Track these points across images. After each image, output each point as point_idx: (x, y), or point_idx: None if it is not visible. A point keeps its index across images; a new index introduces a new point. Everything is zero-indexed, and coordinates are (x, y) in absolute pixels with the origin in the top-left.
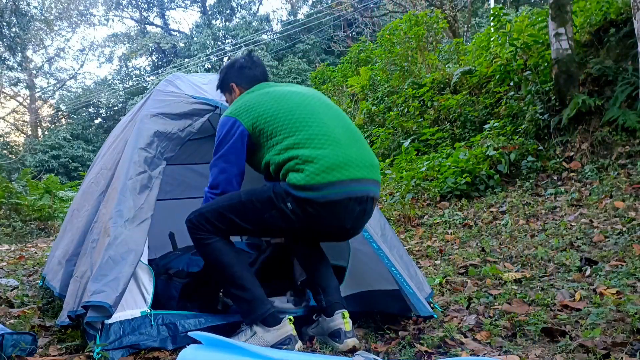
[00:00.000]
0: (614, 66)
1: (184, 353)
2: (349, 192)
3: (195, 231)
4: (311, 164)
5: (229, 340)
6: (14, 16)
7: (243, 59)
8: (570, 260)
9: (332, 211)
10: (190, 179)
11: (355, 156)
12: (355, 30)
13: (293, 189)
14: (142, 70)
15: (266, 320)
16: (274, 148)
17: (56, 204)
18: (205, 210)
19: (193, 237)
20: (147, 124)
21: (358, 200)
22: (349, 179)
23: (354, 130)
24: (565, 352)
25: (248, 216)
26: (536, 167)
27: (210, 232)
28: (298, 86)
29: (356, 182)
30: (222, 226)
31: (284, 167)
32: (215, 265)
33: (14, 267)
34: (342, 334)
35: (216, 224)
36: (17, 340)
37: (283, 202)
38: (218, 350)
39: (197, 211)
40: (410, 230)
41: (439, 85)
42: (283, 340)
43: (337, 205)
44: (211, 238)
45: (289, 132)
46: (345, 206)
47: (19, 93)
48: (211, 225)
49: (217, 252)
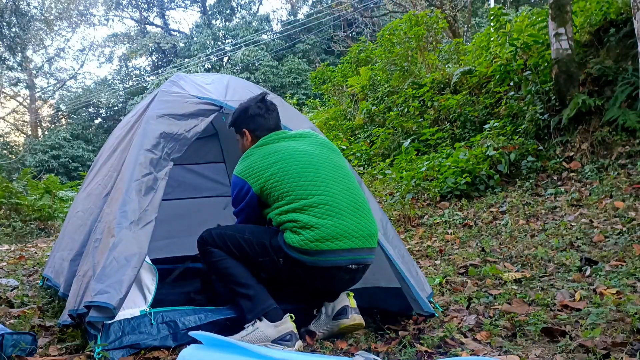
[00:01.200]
0: (614, 66)
1: (184, 353)
2: (339, 262)
3: (204, 245)
4: (308, 230)
5: (229, 339)
6: (14, 16)
7: (257, 106)
8: (570, 260)
9: (320, 275)
10: (190, 179)
11: (353, 227)
12: (355, 30)
13: (286, 247)
14: (142, 70)
15: (269, 315)
16: (278, 209)
17: (56, 204)
18: (215, 234)
19: (201, 250)
20: (153, 125)
21: (347, 270)
22: (342, 249)
23: (357, 196)
24: (565, 352)
25: (247, 254)
26: (536, 167)
27: (216, 245)
28: (307, 140)
29: (348, 252)
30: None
31: (283, 225)
32: (219, 271)
33: (14, 267)
34: (349, 310)
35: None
36: (17, 340)
37: (276, 255)
38: (218, 350)
39: (211, 230)
40: (410, 230)
41: (439, 85)
42: (284, 335)
43: (325, 271)
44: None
45: (293, 198)
46: (334, 274)
47: (19, 93)
48: (220, 241)
49: (220, 257)
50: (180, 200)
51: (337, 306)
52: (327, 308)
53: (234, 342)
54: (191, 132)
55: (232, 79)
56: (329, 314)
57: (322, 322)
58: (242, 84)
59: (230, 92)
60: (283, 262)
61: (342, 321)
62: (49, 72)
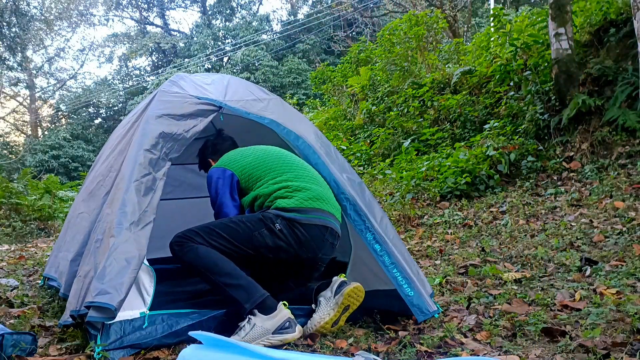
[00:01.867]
0: (614, 66)
1: (184, 353)
2: (325, 221)
3: (181, 245)
4: (300, 192)
5: (229, 339)
6: (14, 16)
7: (212, 137)
8: (570, 260)
9: (312, 237)
10: (190, 179)
11: (326, 195)
12: (355, 30)
13: (282, 211)
14: (142, 70)
15: (264, 304)
16: (265, 183)
17: (56, 204)
18: (195, 228)
19: (179, 253)
20: (152, 125)
21: (331, 232)
22: (325, 211)
23: (320, 175)
24: (565, 352)
25: (238, 234)
26: (536, 167)
27: (197, 242)
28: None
29: (328, 215)
30: (210, 240)
31: (272, 195)
32: (205, 266)
33: (14, 267)
34: (347, 282)
35: (205, 237)
36: (17, 340)
37: (272, 222)
38: (218, 350)
39: (184, 230)
40: (410, 230)
41: (439, 85)
42: (282, 324)
43: (317, 230)
44: (197, 245)
45: (277, 173)
46: (323, 234)
47: (19, 93)
48: (200, 238)
49: (203, 253)
50: (181, 200)
51: (334, 285)
52: (325, 293)
53: (234, 342)
54: (190, 132)
55: (232, 79)
56: (328, 296)
57: (324, 307)
58: (242, 84)
59: (230, 92)
60: (280, 226)
61: (345, 289)
62: (49, 72)
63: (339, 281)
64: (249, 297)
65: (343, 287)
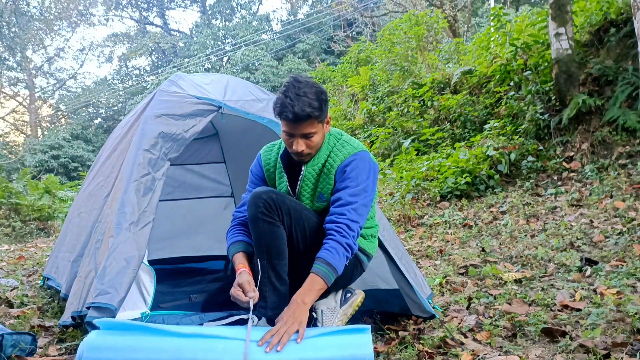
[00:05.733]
0: (614, 66)
1: (87, 341)
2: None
3: (271, 214)
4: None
5: (129, 321)
6: (14, 16)
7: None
8: (570, 260)
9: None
10: (190, 179)
11: None
12: (355, 30)
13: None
14: (142, 70)
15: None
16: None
17: (56, 204)
18: (289, 204)
19: (263, 216)
20: (151, 124)
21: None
22: None
23: None
24: (565, 352)
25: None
26: (536, 167)
27: (283, 223)
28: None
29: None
30: (293, 226)
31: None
32: (272, 249)
33: (14, 267)
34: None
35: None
36: (17, 340)
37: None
38: (123, 334)
39: (279, 195)
40: (410, 231)
41: (439, 85)
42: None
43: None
44: (281, 227)
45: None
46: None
47: (18, 93)
48: (287, 219)
49: (282, 239)
50: (181, 200)
51: (337, 294)
52: (328, 302)
53: (135, 324)
54: (189, 132)
55: (231, 79)
56: (333, 306)
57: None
58: (241, 84)
59: (229, 92)
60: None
61: (353, 300)
62: (49, 72)
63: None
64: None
65: (349, 296)
